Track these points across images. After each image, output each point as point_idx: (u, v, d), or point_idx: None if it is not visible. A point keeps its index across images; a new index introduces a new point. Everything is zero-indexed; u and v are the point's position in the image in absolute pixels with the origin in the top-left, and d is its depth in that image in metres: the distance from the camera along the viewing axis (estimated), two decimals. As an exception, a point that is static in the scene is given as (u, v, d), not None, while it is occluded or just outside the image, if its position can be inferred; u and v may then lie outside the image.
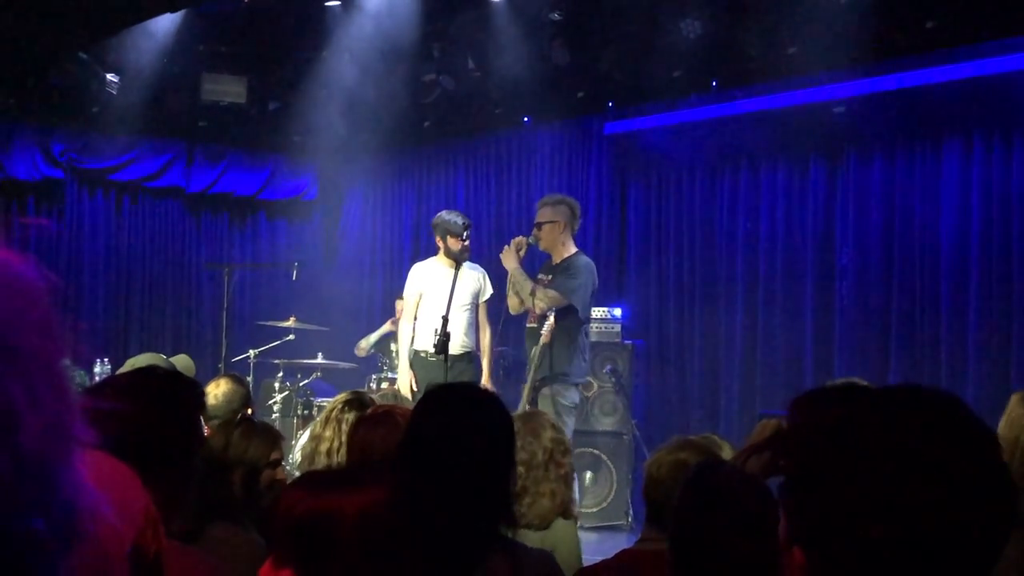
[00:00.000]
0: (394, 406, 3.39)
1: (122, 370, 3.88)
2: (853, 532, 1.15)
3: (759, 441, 2.20)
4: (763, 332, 8.20)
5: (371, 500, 1.76)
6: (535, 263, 7.41)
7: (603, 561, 2.83)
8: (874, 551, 1.14)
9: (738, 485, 2.01)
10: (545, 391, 6.64)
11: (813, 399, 1.32)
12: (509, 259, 6.91)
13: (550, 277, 6.82)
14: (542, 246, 6.95)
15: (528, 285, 6.75)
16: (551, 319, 6.55)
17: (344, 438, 3.36)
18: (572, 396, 6.76)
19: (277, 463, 3.15)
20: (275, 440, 3.18)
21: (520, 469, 3.34)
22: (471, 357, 7.15)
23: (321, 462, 3.44)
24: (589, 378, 7.44)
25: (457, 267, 6.95)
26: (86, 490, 0.61)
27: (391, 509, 1.77)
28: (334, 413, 3.56)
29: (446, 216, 7.19)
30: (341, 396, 3.72)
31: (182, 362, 5.72)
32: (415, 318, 7.18)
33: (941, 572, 1.13)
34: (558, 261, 6.89)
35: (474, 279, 7.28)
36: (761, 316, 8.24)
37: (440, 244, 7.16)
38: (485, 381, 6.95)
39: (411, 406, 3.40)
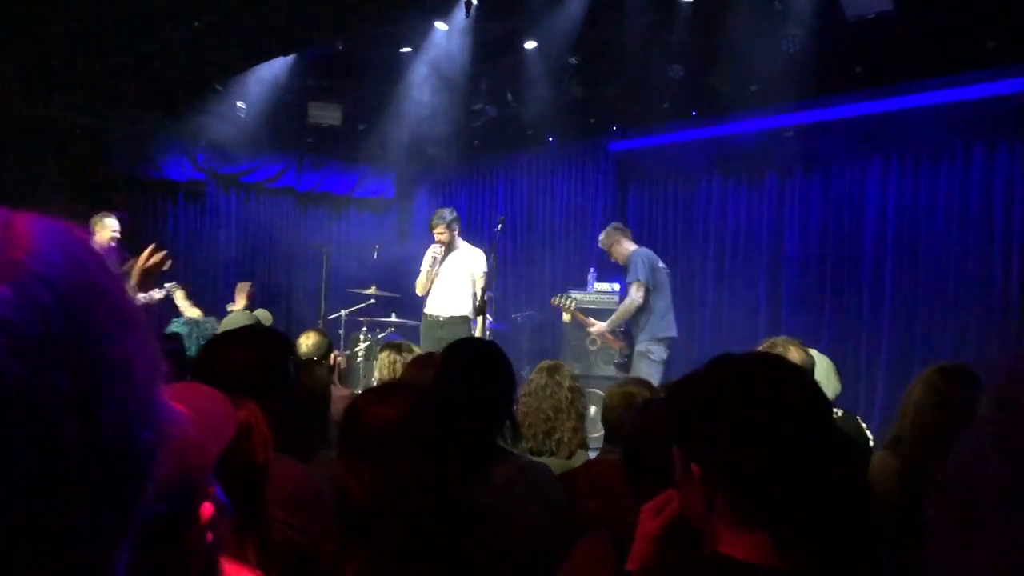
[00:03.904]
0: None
1: (225, 320, 3.91)
2: (727, 446, 1.24)
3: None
4: (727, 302, 8.19)
5: (403, 411, 1.77)
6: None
7: (575, 468, 2.91)
8: (741, 461, 1.23)
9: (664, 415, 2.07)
10: (639, 347, 6.63)
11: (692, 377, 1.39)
12: (596, 328, 6.93)
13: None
14: (621, 262, 6.94)
15: (618, 320, 6.81)
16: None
17: (388, 371, 3.49)
18: (658, 351, 6.59)
19: None
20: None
21: (548, 412, 3.37)
22: (464, 320, 6.89)
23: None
24: (671, 333, 6.78)
25: (446, 251, 6.87)
26: (172, 408, 0.62)
27: (419, 419, 1.77)
28: (387, 357, 3.69)
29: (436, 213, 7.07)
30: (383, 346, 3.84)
31: (263, 314, 5.73)
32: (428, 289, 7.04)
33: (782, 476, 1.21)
34: (624, 262, 6.92)
35: (467, 259, 6.94)
36: (726, 290, 8.22)
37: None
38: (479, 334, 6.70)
39: None
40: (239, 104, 8.77)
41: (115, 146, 8.92)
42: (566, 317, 7.61)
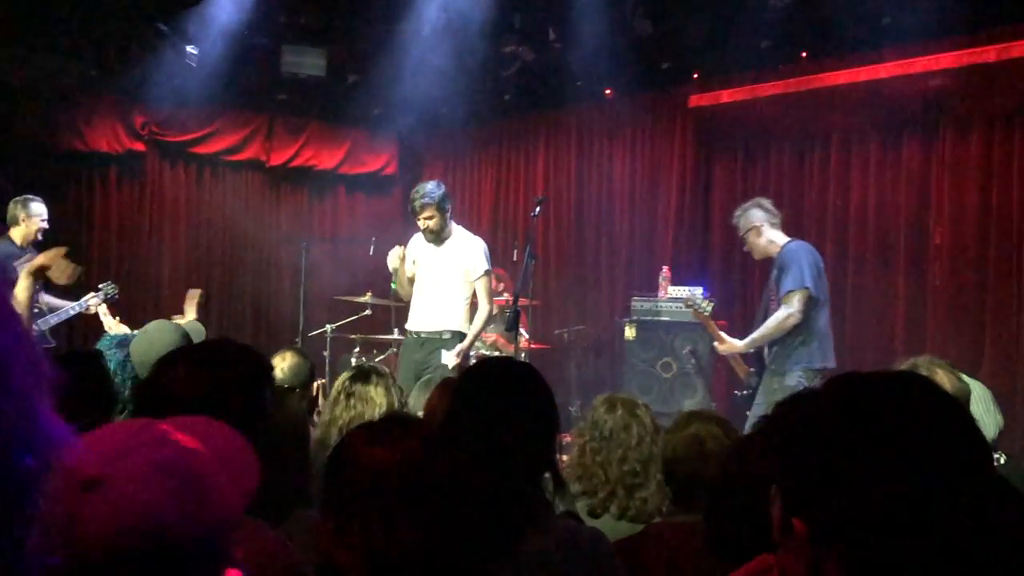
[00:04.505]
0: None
1: (138, 335, 4.00)
2: (845, 498, 1.23)
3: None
4: (852, 314, 8.11)
5: (407, 454, 1.78)
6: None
7: (634, 537, 2.91)
8: (866, 516, 1.22)
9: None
10: (787, 380, 6.26)
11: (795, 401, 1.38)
12: (726, 345, 6.73)
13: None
14: (756, 256, 6.72)
15: (763, 339, 6.45)
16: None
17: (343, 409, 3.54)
18: (787, 382, 6.24)
19: None
20: None
21: (635, 464, 3.47)
22: (455, 337, 6.68)
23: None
24: (831, 364, 6.42)
25: (435, 242, 6.76)
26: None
27: (429, 465, 1.79)
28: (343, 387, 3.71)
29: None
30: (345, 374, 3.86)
31: (192, 327, 5.82)
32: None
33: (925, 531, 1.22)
34: (762, 256, 6.68)
35: (460, 253, 6.79)
36: (851, 298, 8.14)
37: None
38: (451, 352, 6.56)
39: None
40: (189, 50, 8.80)
41: (25, 106, 9.07)
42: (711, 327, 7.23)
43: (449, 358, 6.53)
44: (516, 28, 8.79)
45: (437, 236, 6.73)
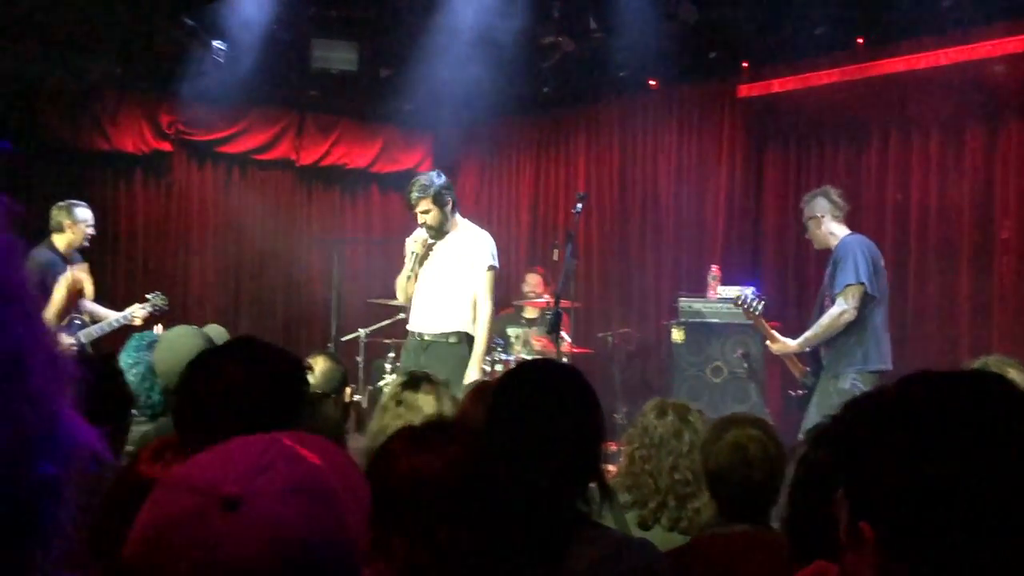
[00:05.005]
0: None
1: (159, 343, 4.02)
2: (917, 500, 1.23)
3: None
4: (913, 313, 8.04)
5: (451, 461, 1.78)
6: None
7: (683, 547, 2.94)
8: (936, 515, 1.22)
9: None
10: (841, 383, 6.25)
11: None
12: (779, 344, 6.70)
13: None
14: (816, 246, 6.73)
15: (817, 339, 6.41)
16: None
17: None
18: (841, 385, 6.24)
19: None
20: None
21: (687, 473, 3.47)
22: (460, 340, 6.48)
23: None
24: (887, 366, 6.43)
25: (436, 237, 6.59)
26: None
27: (474, 472, 1.80)
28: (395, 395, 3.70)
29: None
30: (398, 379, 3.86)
31: (215, 331, 5.87)
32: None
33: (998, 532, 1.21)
34: (822, 247, 6.68)
35: (465, 248, 6.61)
36: (911, 295, 8.08)
37: None
38: (472, 366, 6.39)
39: None
40: (216, 45, 8.85)
41: (48, 105, 9.16)
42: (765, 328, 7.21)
43: (472, 375, 6.28)
44: (555, 17, 8.77)
45: (438, 231, 6.56)
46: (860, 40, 8.13)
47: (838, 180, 8.55)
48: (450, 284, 6.53)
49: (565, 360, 7.11)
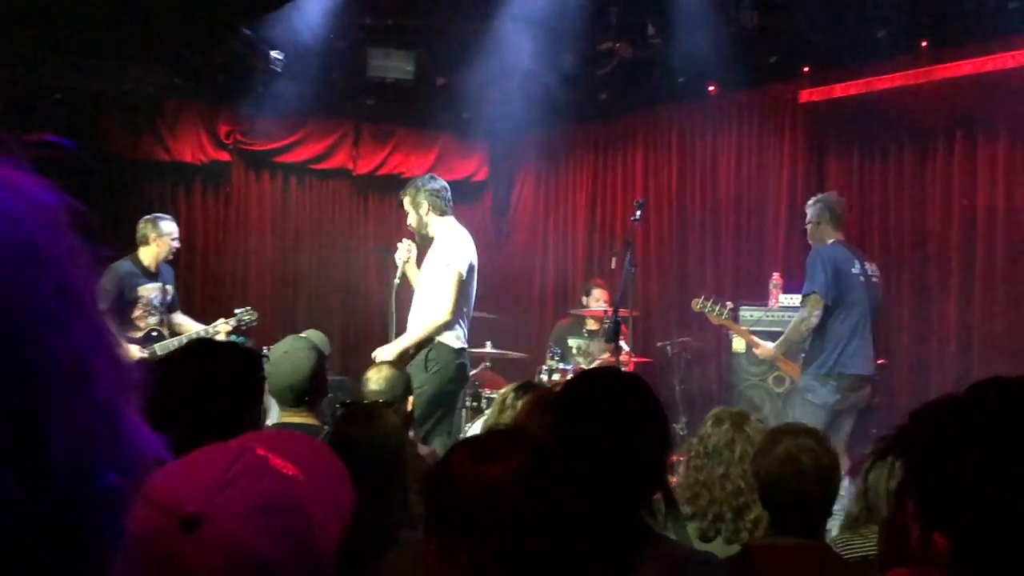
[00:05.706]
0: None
1: (273, 358, 4.02)
2: (993, 511, 1.22)
3: None
4: (980, 323, 7.92)
5: (519, 469, 1.78)
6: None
7: (733, 557, 2.92)
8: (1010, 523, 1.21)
9: None
10: (799, 382, 6.90)
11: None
12: (761, 349, 7.23)
13: None
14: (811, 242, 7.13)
15: (786, 344, 7.05)
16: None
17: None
18: (822, 393, 6.68)
19: None
20: None
21: (738, 481, 3.47)
22: (442, 349, 6.40)
23: None
24: (852, 370, 6.76)
25: (425, 244, 6.60)
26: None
27: (542, 480, 1.79)
28: (508, 400, 3.72)
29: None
30: (510, 385, 3.90)
31: (316, 336, 5.90)
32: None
33: None
34: None
35: (435, 252, 6.53)
36: (979, 305, 7.97)
37: None
38: (387, 347, 6.35)
39: None
40: (274, 55, 8.93)
41: (107, 115, 9.29)
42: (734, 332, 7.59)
43: (382, 355, 6.13)
44: (613, 23, 8.76)
45: (422, 237, 6.58)
46: (924, 43, 8.04)
47: (902, 185, 8.50)
48: (423, 289, 6.51)
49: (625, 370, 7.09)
